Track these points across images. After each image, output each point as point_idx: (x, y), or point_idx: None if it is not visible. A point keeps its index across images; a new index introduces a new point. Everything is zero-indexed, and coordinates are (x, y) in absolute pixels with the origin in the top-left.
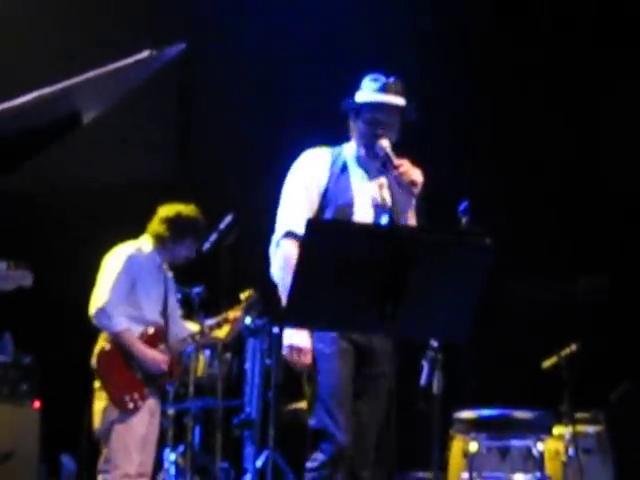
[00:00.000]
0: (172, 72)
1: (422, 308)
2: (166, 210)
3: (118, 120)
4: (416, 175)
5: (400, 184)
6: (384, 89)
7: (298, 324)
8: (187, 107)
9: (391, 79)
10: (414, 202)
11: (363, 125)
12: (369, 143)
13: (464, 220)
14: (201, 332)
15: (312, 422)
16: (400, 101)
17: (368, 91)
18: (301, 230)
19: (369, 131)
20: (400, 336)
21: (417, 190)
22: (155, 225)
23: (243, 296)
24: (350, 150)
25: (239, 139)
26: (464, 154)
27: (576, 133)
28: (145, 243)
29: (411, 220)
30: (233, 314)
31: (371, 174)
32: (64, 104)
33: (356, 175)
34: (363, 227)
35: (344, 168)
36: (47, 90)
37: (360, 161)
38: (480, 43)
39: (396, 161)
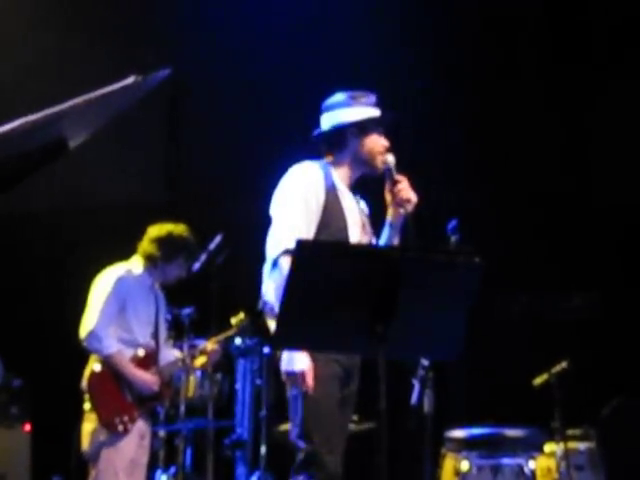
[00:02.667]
0: (161, 94)
1: (412, 327)
2: (157, 230)
3: (105, 142)
4: (412, 195)
5: (395, 200)
6: (378, 104)
7: (288, 346)
8: (176, 128)
9: (372, 95)
10: (400, 221)
11: (371, 141)
12: (373, 159)
13: (453, 239)
14: (183, 360)
15: (305, 447)
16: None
17: (364, 107)
18: None
19: (378, 145)
20: (391, 356)
21: (410, 208)
22: (146, 245)
23: (234, 320)
24: (338, 170)
25: (228, 160)
26: (453, 171)
27: (566, 149)
28: (136, 264)
29: (395, 239)
30: (211, 346)
31: (351, 190)
32: (51, 130)
33: (345, 196)
34: (353, 248)
35: (333, 188)
36: (33, 117)
37: (345, 181)
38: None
39: (397, 176)
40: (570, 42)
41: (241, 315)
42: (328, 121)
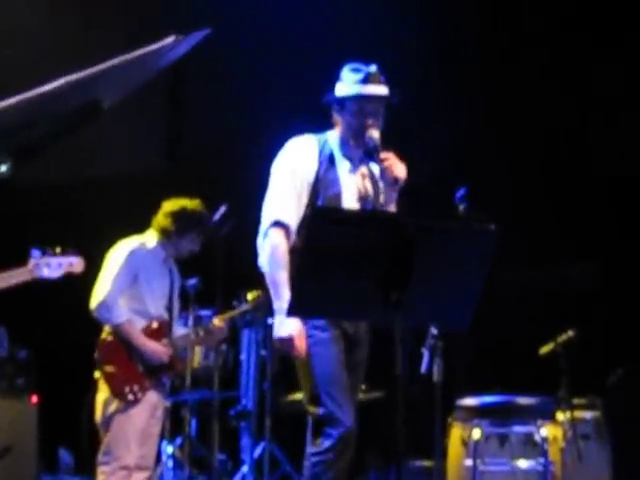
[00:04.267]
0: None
1: (427, 295)
2: (171, 205)
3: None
4: (400, 170)
5: (384, 178)
6: (367, 80)
7: (304, 314)
8: (177, 99)
9: (372, 68)
10: (395, 197)
11: (350, 117)
12: (358, 134)
13: (461, 207)
14: (196, 333)
15: (317, 410)
16: (384, 90)
17: (350, 83)
18: (289, 219)
19: (357, 123)
20: (405, 324)
21: (400, 185)
22: (160, 219)
23: (250, 296)
24: (335, 139)
25: (232, 129)
26: (459, 142)
27: (568, 118)
28: (150, 237)
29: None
30: (218, 324)
31: (355, 164)
32: (88, 91)
33: (342, 165)
34: (368, 215)
35: (331, 157)
36: (73, 77)
37: (345, 149)
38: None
39: (382, 154)
40: (575, 10)
41: (257, 291)
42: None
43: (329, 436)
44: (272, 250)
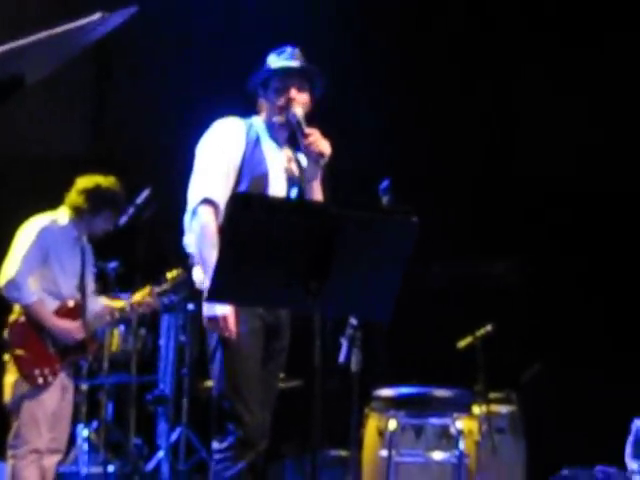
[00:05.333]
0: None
1: (347, 285)
2: (85, 182)
3: (33, 92)
4: (324, 146)
5: (308, 154)
6: (290, 57)
7: (223, 300)
8: (103, 79)
9: (296, 49)
10: (319, 173)
11: (274, 94)
12: (282, 111)
13: (385, 199)
14: (122, 309)
15: (222, 404)
16: (305, 65)
17: (273, 62)
18: (218, 197)
19: (281, 98)
20: (324, 313)
21: (324, 161)
22: (73, 196)
23: (170, 275)
24: (260, 123)
25: (157, 113)
26: (385, 135)
27: (493, 117)
28: (62, 215)
29: (317, 192)
30: (141, 298)
31: (280, 145)
32: (10, 66)
33: (268, 146)
34: (289, 203)
35: (257, 139)
36: None
37: (271, 132)
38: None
39: (306, 130)
40: (499, 9)
41: (177, 270)
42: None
43: (231, 434)
44: (201, 229)
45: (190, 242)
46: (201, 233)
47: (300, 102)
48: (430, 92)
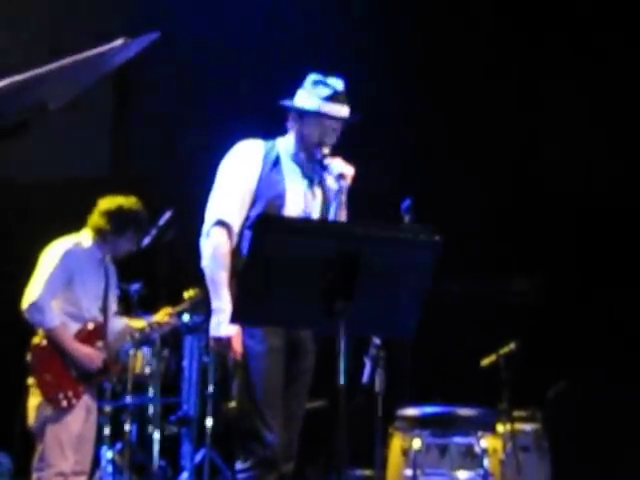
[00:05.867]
0: None
1: (371, 305)
2: (107, 203)
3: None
4: (346, 168)
5: (329, 172)
6: (333, 98)
7: (247, 322)
8: (123, 102)
9: (339, 86)
10: (343, 195)
11: (308, 130)
12: (311, 148)
13: (407, 218)
14: (142, 329)
15: (244, 424)
16: (346, 111)
17: (315, 96)
18: (232, 219)
19: (314, 137)
20: (350, 333)
21: (347, 183)
22: (96, 218)
23: (187, 295)
24: (285, 145)
25: (179, 134)
26: (407, 154)
27: (516, 134)
28: (85, 237)
29: (341, 213)
30: (161, 318)
31: (305, 171)
32: (34, 92)
33: (288, 168)
34: (313, 224)
35: (277, 161)
36: (19, 77)
37: (295, 158)
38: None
39: (327, 161)
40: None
41: (193, 290)
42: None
43: (253, 453)
44: (213, 250)
45: (203, 262)
46: (213, 254)
47: (330, 144)
48: (454, 107)
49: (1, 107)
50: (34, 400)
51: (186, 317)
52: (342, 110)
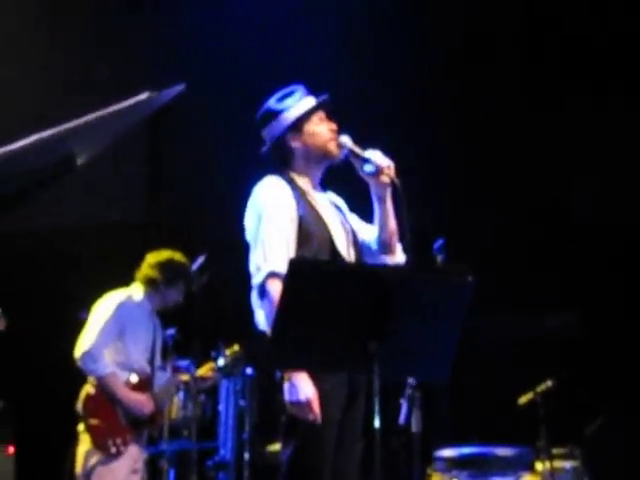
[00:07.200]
0: None
1: (404, 346)
2: (156, 255)
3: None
4: (386, 159)
5: (363, 170)
6: (304, 94)
7: (282, 366)
8: (155, 148)
9: (299, 88)
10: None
11: (314, 131)
12: (325, 149)
13: (439, 258)
14: (187, 382)
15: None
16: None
17: (293, 105)
18: (283, 268)
19: (324, 130)
20: (383, 376)
21: (392, 174)
22: (146, 270)
23: (230, 351)
24: (297, 175)
25: (211, 178)
26: (435, 194)
27: (546, 168)
28: (136, 290)
29: (363, 228)
30: (205, 373)
31: (320, 190)
32: (61, 148)
33: (313, 197)
34: (345, 267)
35: (302, 193)
36: (46, 134)
37: (314, 183)
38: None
39: (365, 153)
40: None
41: (236, 347)
42: (267, 136)
43: None
44: (274, 304)
45: (261, 319)
46: (272, 309)
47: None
48: (483, 144)
49: (28, 164)
50: (83, 447)
51: (221, 361)
52: (319, 98)
